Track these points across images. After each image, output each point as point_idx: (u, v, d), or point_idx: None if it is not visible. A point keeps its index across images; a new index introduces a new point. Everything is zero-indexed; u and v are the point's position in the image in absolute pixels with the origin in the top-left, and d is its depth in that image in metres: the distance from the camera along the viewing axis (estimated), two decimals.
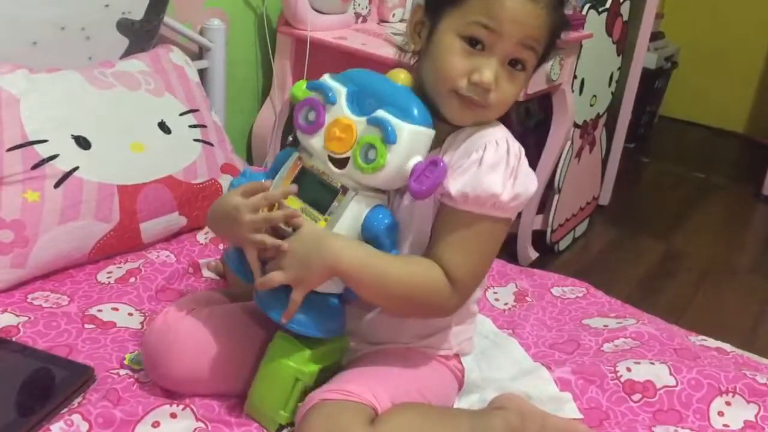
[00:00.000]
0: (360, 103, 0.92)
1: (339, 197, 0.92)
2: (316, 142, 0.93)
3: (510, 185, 0.90)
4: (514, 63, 0.91)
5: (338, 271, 0.89)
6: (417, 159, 0.89)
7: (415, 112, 0.90)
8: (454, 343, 1.05)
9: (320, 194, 0.93)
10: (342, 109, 0.92)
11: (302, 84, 0.96)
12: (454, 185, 0.90)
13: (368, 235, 0.93)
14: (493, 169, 0.90)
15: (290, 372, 0.93)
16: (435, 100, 0.93)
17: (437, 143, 0.95)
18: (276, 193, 0.93)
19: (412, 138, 0.89)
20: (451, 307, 0.96)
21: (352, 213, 0.92)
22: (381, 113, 0.90)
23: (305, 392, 0.94)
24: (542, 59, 0.95)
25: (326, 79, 0.95)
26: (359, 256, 0.90)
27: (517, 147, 0.93)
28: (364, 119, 0.91)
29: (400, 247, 0.97)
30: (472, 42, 0.89)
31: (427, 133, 0.91)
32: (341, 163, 0.92)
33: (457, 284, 0.92)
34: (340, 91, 0.93)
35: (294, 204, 0.94)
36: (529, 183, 0.93)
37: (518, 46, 0.89)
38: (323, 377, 0.95)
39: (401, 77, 0.93)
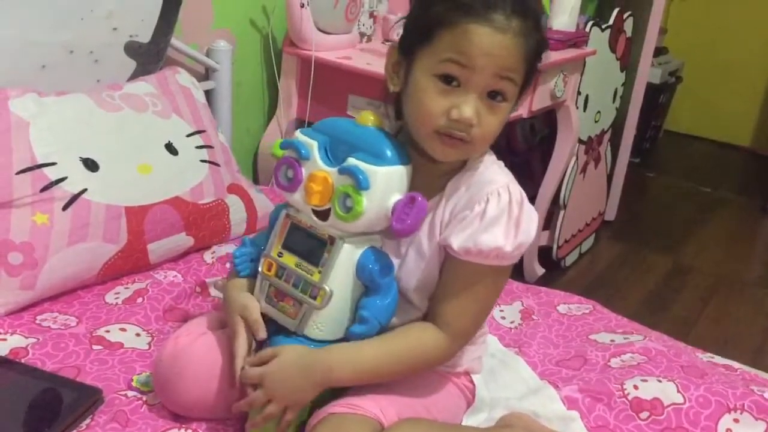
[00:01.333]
0: (334, 152, 0.94)
1: (328, 248, 0.93)
2: (298, 198, 0.95)
3: (512, 235, 0.90)
4: (493, 95, 0.89)
5: (333, 383, 0.92)
6: (396, 197, 0.91)
7: (387, 152, 0.91)
8: (464, 361, 1.05)
9: (312, 247, 0.95)
10: (316, 163, 0.94)
11: (279, 143, 0.98)
12: (456, 239, 0.91)
13: (363, 279, 0.94)
14: (496, 222, 0.90)
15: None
16: (418, 140, 0.93)
17: (439, 189, 0.96)
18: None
19: (386, 179, 0.90)
20: (450, 356, 0.99)
21: (343, 261, 0.93)
22: (351, 161, 0.91)
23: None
24: (525, 85, 0.93)
25: (298, 135, 0.97)
26: (348, 362, 0.92)
27: (518, 193, 0.93)
28: (337, 169, 0.92)
29: (408, 293, 0.98)
30: (447, 80, 0.88)
31: (402, 171, 0.92)
32: (324, 214, 0.93)
33: (455, 333, 0.95)
34: (312, 144, 0.94)
35: (289, 260, 0.96)
36: (531, 228, 0.93)
37: (494, 78, 0.87)
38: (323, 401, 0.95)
39: (371, 119, 0.95)
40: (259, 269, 0.99)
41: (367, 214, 0.90)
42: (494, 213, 0.90)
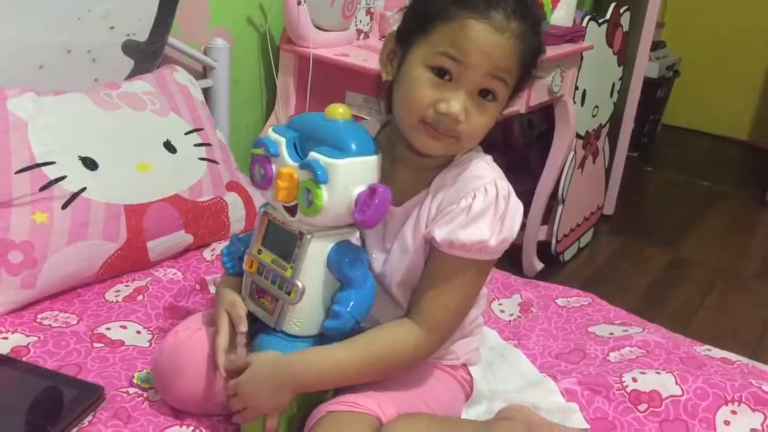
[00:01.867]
0: (302, 148, 0.94)
1: (298, 243, 0.93)
2: (269, 195, 0.96)
3: (497, 230, 0.90)
4: (484, 93, 0.89)
5: (302, 389, 0.92)
6: (359, 189, 0.90)
7: (349, 144, 0.90)
8: (461, 354, 1.06)
9: (285, 243, 0.95)
10: (284, 159, 0.93)
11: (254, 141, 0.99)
12: (440, 232, 0.91)
13: (335, 273, 0.94)
14: (481, 216, 0.90)
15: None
16: (404, 131, 0.92)
17: (425, 184, 0.96)
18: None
19: (347, 172, 0.89)
20: (426, 354, 0.96)
21: (313, 256, 0.93)
22: (312, 155, 0.90)
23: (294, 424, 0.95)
24: (517, 88, 0.92)
25: (270, 132, 0.96)
26: (315, 368, 0.91)
27: (506, 188, 0.93)
28: (299, 164, 0.92)
29: (392, 289, 0.98)
30: (440, 73, 0.87)
31: (367, 162, 0.91)
32: (293, 210, 0.93)
33: (431, 327, 0.93)
34: (280, 141, 0.94)
35: (267, 257, 0.97)
36: (515, 223, 0.92)
37: (487, 76, 0.87)
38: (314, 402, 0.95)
39: (339, 112, 0.93)
40: (243, 267, 1.00)
41: (330, 207, 0.90)
42: (480, 207, 0.90)
